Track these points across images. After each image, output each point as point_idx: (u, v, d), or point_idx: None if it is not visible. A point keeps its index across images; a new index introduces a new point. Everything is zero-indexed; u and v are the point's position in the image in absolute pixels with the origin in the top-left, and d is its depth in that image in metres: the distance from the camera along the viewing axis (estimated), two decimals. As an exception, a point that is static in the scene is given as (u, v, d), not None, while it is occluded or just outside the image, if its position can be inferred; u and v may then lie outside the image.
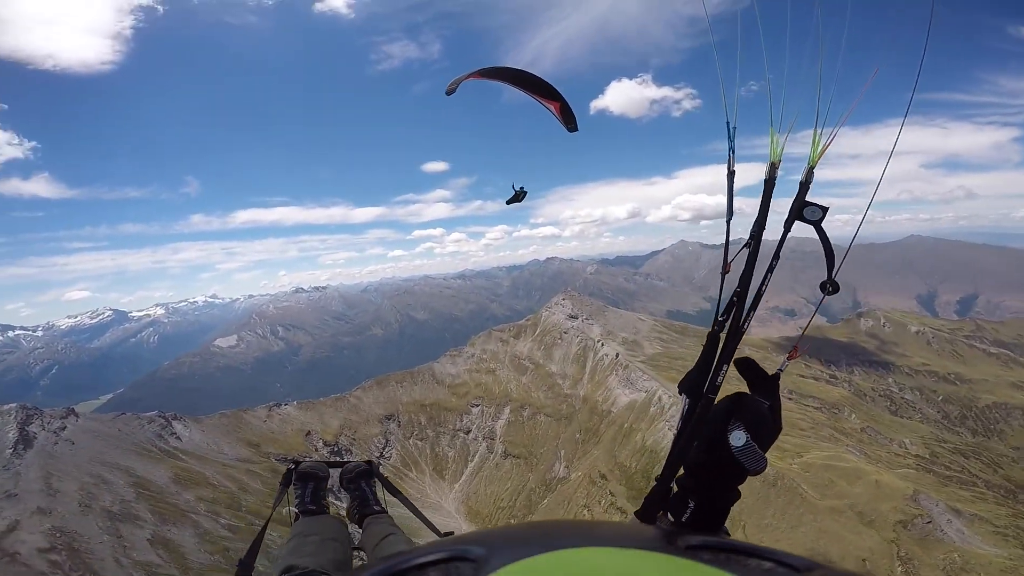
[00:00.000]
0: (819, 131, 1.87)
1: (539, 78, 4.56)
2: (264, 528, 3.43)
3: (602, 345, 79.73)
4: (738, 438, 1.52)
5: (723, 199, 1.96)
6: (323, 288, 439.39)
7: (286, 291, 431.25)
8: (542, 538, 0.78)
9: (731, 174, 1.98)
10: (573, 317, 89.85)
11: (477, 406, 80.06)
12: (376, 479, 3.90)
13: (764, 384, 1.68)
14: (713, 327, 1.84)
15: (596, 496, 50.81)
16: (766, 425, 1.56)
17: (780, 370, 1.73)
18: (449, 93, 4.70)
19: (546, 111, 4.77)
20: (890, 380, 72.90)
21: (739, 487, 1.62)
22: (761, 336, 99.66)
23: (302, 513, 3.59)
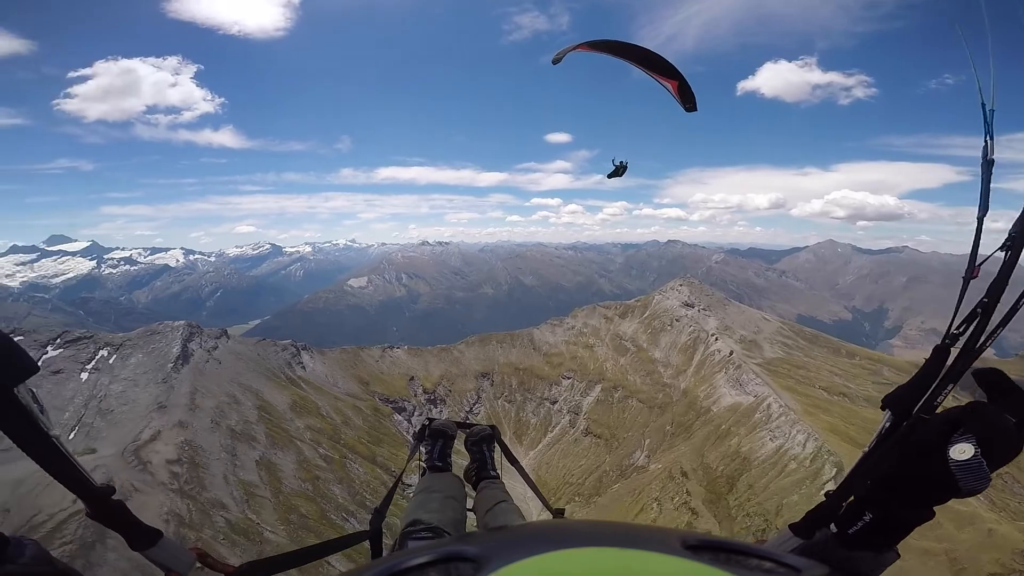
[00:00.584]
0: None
1: (654, 53, 4.34)
2: (398, 479, 3.57)
3: (716, 339, 73.53)
4: (962, 451, 1.30)
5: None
6: (446, 243, 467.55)
7: (414, 243, 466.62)
8: (541, 538, 0.78)
9: (988, 163, 1.66)
10: (689, 305, 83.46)
11: (569, 379, 79.04)
12: (497, 445, 4.02)
13: (1011, 399, 1.39)
14: (944, 340, 1.52)
15: (671, 491, 47.95)
16: (1005, 441, 1.31)
17: None
18: (555, 62, 4.58)
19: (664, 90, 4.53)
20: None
21: (935, 507, 1.38)
22: (908, 359, 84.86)
23: (429, 468, 3.72)
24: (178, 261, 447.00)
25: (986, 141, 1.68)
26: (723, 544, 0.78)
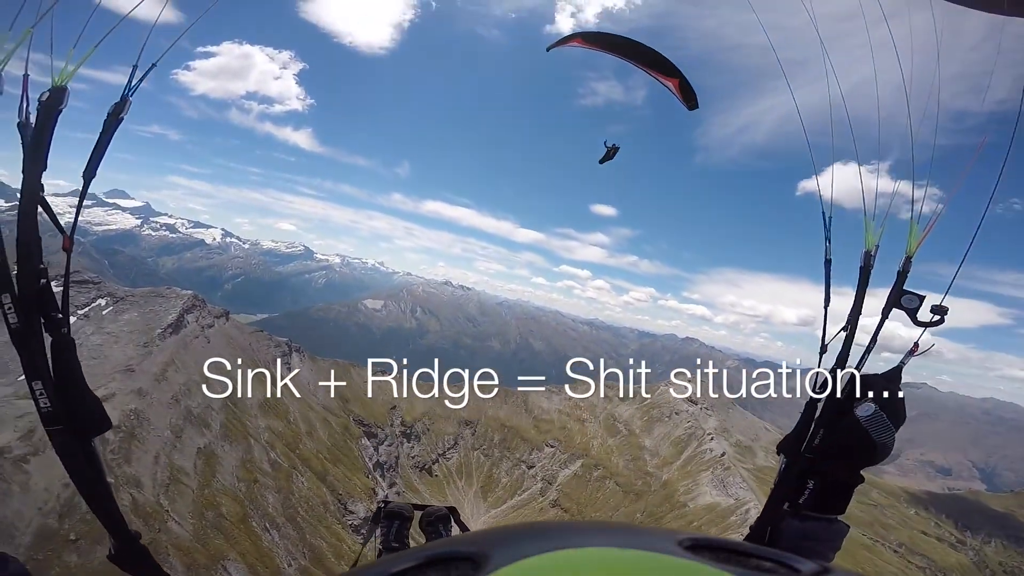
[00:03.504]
0: (916, 222, 2.13)
1: (653, 50, 4.18)
2: (356, 562, 3.37)
3: (711, 439, 71.02)
4: (866, 409, 1.73)
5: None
6: (468, 289, 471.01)
7: (437, 280, 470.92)
8: (542, 538, 0.77)
9: (828, 263, 2.40)
10: (692, 402, 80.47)
11: (552, 447, 75.70)
12: (455, 525, 3.93)
13: (885, 380, 1.90)
14: (811, 398, 2.06)
15: None
16: (893, 404, 1.75)
17: (903, 362, 1.95)
18: (548, 49, 4.54)
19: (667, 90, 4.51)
20: (1031, 560, 60.33)
21: (862, 469, 1.80)
22: (899, 484, 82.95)
23: (385, 551, 3.68)
24: (214, 240, 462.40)
25: (826, 245, 2.36)
26: (723, 544, 0.78)
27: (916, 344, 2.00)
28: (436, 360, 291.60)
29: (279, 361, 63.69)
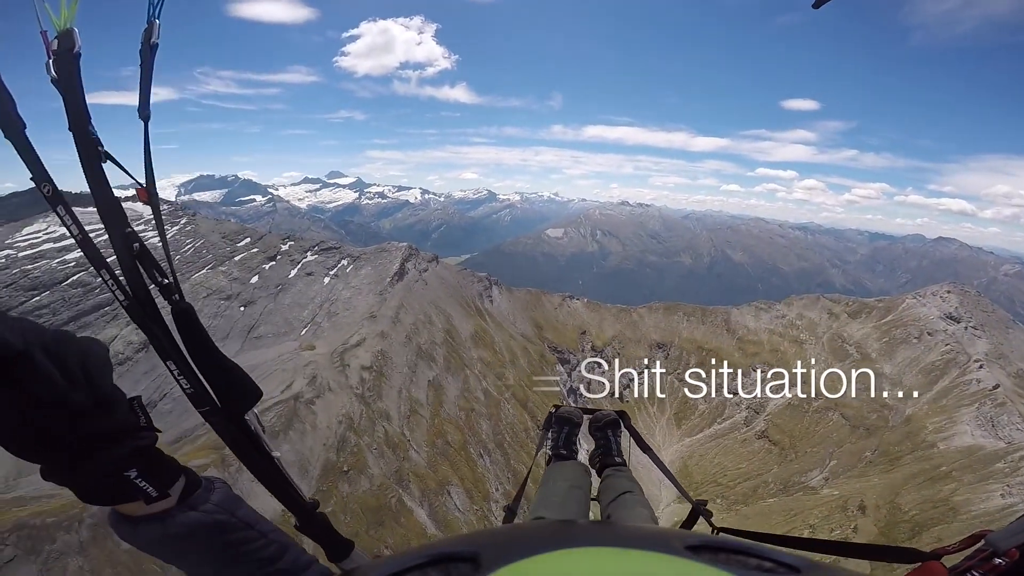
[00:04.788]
0: None
1: None
2: (528, 474, 3.60)
3: (980, 367, 54.96)
4: None
5: None
6: (646, 206, 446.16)
7: (613, 202, 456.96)
8: (542, 538, 0.78)
9: None
10: (953, 319, 63.15)
11: (761, 371, 68.24)
12: (625, 430, 3.91)
13: None
14: None
15: (834, 523, 39.84)
16: None
17: None
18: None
19: None
20: None
21: None
22: None
23: (555, 457, 3.72)
24: (416, 198, 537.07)
25: None
26: (723, 544, 0.78)
27: None
28: (621, 281, 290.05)
29: (483, 295, 70.64)
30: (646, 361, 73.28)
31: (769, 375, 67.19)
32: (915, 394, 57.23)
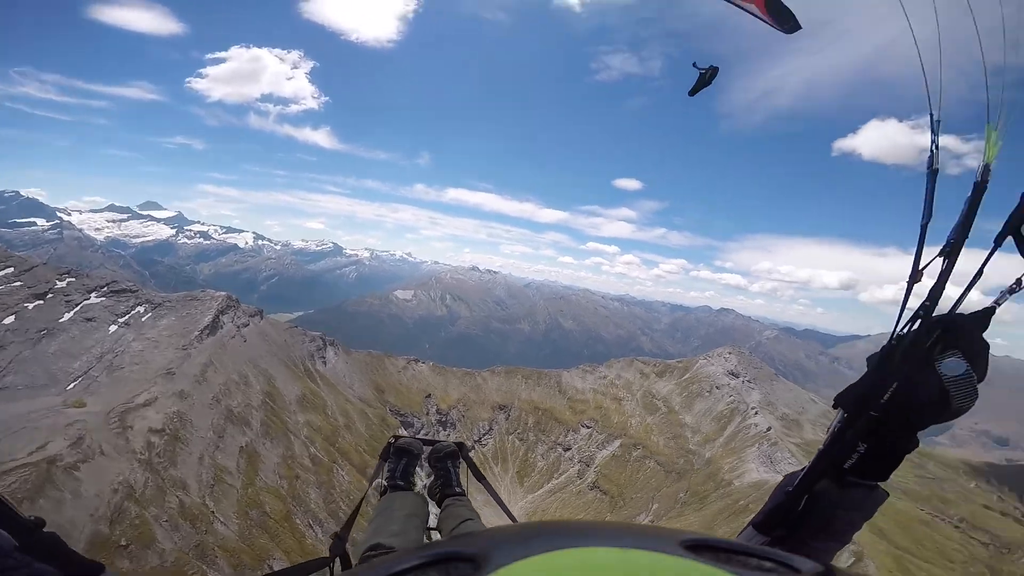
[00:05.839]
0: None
1: None
2: (359, 504, 3.38)
3: (756, 413, 68.61)
4: (955, 367, 1.37)
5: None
6: (495, 272, 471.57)
7: (464, 266, 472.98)
8: (542, 538, 0.77)
9: (933, 172, 1.75)
10: (733, 375, 78.03)
11: (588, 428, 74.74)
12: (463, 462, 3.90)
13: (973, 323, 1.45)
14: (891, 340, 1.60)
15: None
16: (985, 358, 1.38)
17: (998, 302, 1.50)
18: None
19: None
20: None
21: (919, 432, 1.49)
22: (958, 456, 78.99)
23: (390, 487, 3.65)
24: (247, 243, 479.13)
25: (932, 151, 1.76)
26: (723, 544, 0.78)
27: (1019, 280, 1.43)
28: (467, 346, 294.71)
29: (314, 356, 64.64)
30: (488, 424, 74.31)
31: (596, 430, 73.93)
32: (712, 440, 68.36)
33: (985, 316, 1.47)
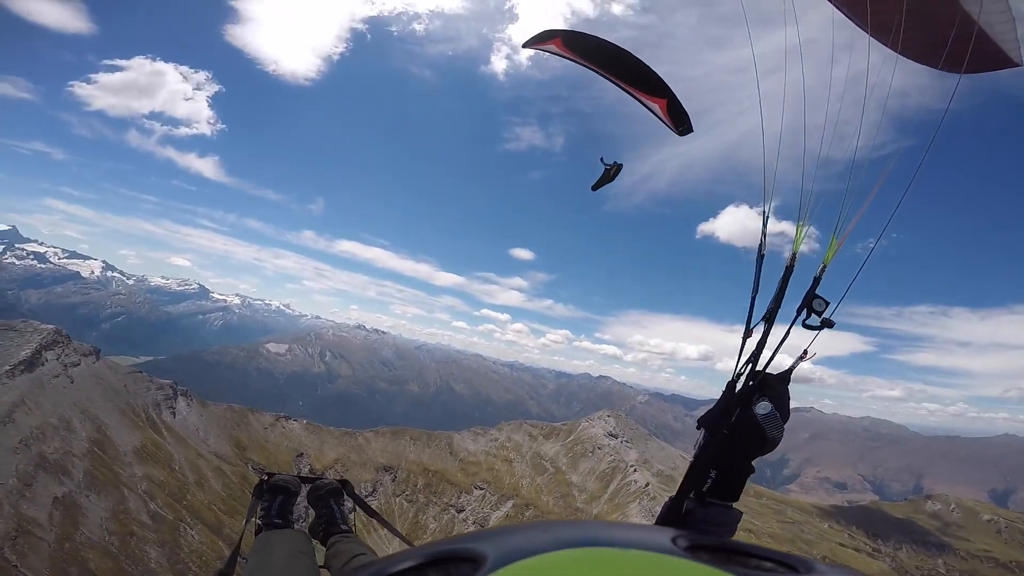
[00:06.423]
0: (835, 236, 2.60)
1: (640, 63, 3.56)
2: (240, 538, 3.23)
3: (634, 471, 72.93)
4: (764, 407, 1.99)
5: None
6: (383, 332, 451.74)
7: (350, 324, 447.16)
8: (542, 538, 0.77)
9: (761, 257, 2.59)
10: (613, 436, 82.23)
11: (481, 489, 72.41)
12: (348, 499, 3.81)
13: (778, 379, 2.15)
14: (733, 378, 2.27)
15: None
16: (785, 403, 2.05)
17: (792, 367, 2.19)
18: (524, 46, 4.16)
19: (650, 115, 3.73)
20: (940, 561, 66.80)
21: (753, 461, 2.08)
22: (807, 500, 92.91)
23: (266, 526, 3.42)
24: (92, 273, 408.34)
25: (762, 239, 2.62)
26: (722, 544, 0.78)
27: (805, 351, 2.23)
28: (347, 406, 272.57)
29: (161, 405, 55.14)
30: (371, 485, 68.19)
31: (488, 491, 71.65)
32: (598, 496, 70.26)
33: (786, 374, 2.16)
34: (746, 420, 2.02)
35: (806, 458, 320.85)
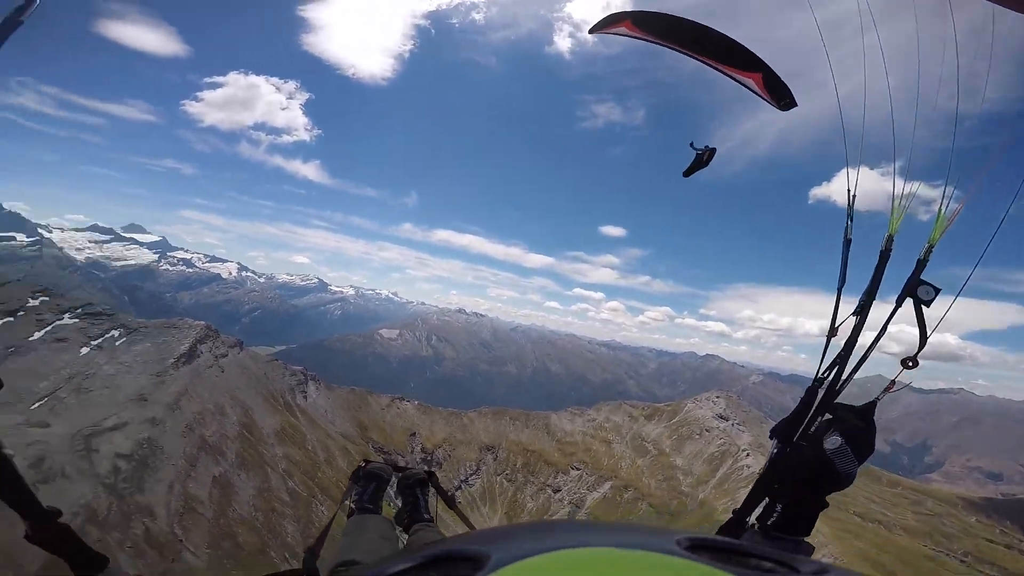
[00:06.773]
0: (944, 210, 2.07)
1: (726, 38, 3.15)
2: (331, 520, 3.31)
3: (747, 455, 67.72)
4: (833, 442, 1.87)
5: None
6: (481, 315, 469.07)
7: (451, 308, 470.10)
8: (542, 538, 0.77)
9: (848, 242, 2.27)
10: (723, 418, 77.24)
11: (578, 470, 72.44)
12: (433, 489, 3.86)
13: (858, 414, 2.00)
14: (813, 383, 2.15)
15: None
16: (861, 438, 1.90)
17: (878, 398, 2.03)
18: (591, 32, 3.89)
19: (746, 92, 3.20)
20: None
21: (827, 496, 1.92)
22: (953, 491, 79.79)
23: (358, 510, 3.63)
24: (230, 274, 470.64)
25: (848, 223, 2.25)
26: (723, 544, 0.78)
27: (892, 382, 2.04)
28: (453, 387, 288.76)
29: (295, 390, 62.46)
30: (475, 464, 71.63)
31: (586, 472, 71.58)
32: (705, 481, 66.83)
33: (868, 408, 1.98)
34: (815, 453, 1.86)
35: (953, 444, 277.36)
